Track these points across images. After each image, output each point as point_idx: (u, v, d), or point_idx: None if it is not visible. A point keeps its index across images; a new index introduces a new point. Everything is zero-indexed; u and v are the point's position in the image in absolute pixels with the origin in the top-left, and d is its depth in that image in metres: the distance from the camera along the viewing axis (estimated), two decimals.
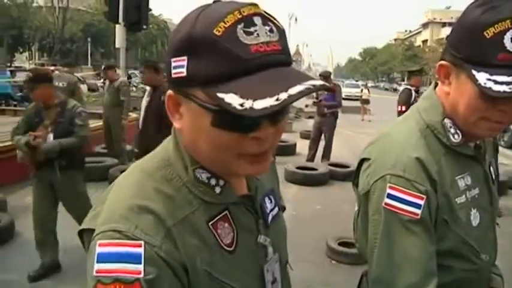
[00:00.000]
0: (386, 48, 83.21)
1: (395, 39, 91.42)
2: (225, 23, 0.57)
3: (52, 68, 9.06)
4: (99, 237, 0.61)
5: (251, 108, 0.54)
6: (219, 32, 0.57)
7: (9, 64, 29.51)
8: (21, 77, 15.74)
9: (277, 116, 0.62)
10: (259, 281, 0.75)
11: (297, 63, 36.63)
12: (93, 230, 0.64)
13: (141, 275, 0.58)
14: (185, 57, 0.60)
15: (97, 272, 0.58)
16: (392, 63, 70.41)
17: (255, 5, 0.61)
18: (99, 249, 0.60)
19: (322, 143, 7.12)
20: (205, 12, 0.60)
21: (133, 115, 9.61)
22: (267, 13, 0.62)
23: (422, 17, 77.11)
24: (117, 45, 8.88)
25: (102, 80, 9.83)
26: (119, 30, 8.54)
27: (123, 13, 8.22)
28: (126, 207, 0.63)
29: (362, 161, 1.00)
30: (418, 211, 0.88)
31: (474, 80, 0.84)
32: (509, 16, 0.80)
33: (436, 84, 1.01)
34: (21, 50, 46.52)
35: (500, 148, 9.91)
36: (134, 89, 19.34)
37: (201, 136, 0.64)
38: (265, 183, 0.83)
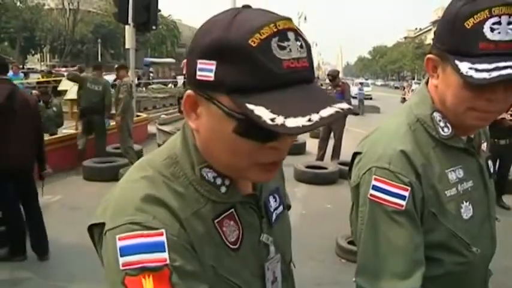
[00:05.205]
0: (396, 46, 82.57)
1: (405, 37, 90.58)
2: (261, 35, 0.57)
3: (63, 69, 9.17)
4: (116, 232, 0.61)
5: (283, 125, 0.54)
6: (254, 43, 0.57)
7: (21, 66, 29.89)
8: (34, 78, 15.96)
9: None
10: (260, 279, 0.75)
11: None
12: (102, 224, 0.64)
13: (168, 262, 0.59)
14: (214, 62, 0.60)
15: (123, 265, 0.59)
16: (403, 61, 69.81)
17: (289, 19, 0.61)
18: (119, 243, 0.60)
19: (331, 142, 7.09)
20: (239, 19, 0.60)
21: (142, 115, 9.68)
22: (298, 29, 0.62)
23: (432, 15, 76.29)
24: (126, 46, 8.97)
25: (113, 80, 9.85)
26: (128, 31, 8.62)
27: (132, 14, 8.30)
28: (139, 199, 0.63)
29: (355, 155, 1.02)
30: (403, 202, 0.89)
31: (457, 70, 0.85)
32: (487, 6, 0.83)
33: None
34: (33, 52, 47.18)
35: None
36: (144, 89, 19.35)
37: (220, 141, 0.64)
38: (270, 182, 0.83)
